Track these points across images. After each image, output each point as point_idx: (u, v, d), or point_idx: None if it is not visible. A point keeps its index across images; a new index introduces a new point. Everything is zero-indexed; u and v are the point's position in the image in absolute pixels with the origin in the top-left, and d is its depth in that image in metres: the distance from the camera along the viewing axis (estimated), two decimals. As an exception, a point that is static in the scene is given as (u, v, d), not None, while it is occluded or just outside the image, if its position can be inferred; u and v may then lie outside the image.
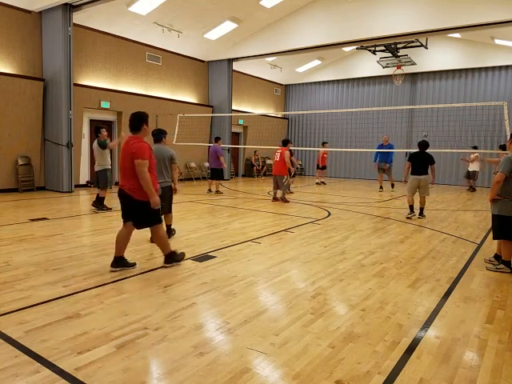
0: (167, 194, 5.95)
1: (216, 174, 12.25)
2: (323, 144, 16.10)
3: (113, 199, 9.17)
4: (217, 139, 12.48)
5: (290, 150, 11.31)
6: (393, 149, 13.78)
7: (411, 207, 8.74)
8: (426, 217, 8.72)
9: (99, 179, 8.54)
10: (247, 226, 7.48)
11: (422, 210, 8.72)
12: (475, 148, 14.42)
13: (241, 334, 3.14)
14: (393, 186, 14.12)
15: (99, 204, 8.66)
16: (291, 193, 12.50)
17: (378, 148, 13.87)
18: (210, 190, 12.34)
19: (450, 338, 3.19)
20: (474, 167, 14.37)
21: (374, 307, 3.77)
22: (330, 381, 2.56)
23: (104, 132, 8.60)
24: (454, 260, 5.51)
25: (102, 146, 8.43)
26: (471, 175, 14.55)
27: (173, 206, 6.32)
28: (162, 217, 5.80)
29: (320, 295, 4.03)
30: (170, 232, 6.32)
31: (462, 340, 3.17)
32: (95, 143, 8.51)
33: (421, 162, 8.48)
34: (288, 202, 10.69)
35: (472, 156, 14.33)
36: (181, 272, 4.63)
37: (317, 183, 16.04)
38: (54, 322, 3.25)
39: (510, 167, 4.76)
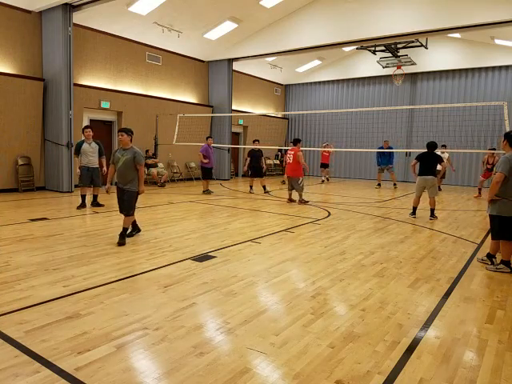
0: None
1: (203, 173, 12.32)
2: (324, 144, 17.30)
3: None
4: (207, 138, 12.49)
5: (286, 150, 11.28)
6: (392, 149, 14.73)
7: (414, 209, 8.83)
8: (426, 217, 8.72)
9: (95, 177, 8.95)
10: (247, 225, 7.48)
11: (432, 211, 8.61)
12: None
13: (241, 334, 3.14)
14: (395, 185, 15.29)
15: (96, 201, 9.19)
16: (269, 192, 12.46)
17: (379, 149, 14.86)
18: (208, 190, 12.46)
19: (450, 338, 3.19)
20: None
21: (374, 307, 3.77)
22: (330, 381, 2.56)
23: (88, 132, 8.74)
24: (454, 260, 5.51)
25: (76, 150, 8.80)
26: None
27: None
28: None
29: (320, 295, 4.03)
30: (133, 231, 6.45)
31: (462, 340, 3.17)
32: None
33: (427, 163, 8.44)
34: (307, 202, 10.37)
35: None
36: (181, 272, 4.63)
37: (322, 180, 17.24)
38: (53, 322, 3.25)
39: (509, 166, 4.77)
